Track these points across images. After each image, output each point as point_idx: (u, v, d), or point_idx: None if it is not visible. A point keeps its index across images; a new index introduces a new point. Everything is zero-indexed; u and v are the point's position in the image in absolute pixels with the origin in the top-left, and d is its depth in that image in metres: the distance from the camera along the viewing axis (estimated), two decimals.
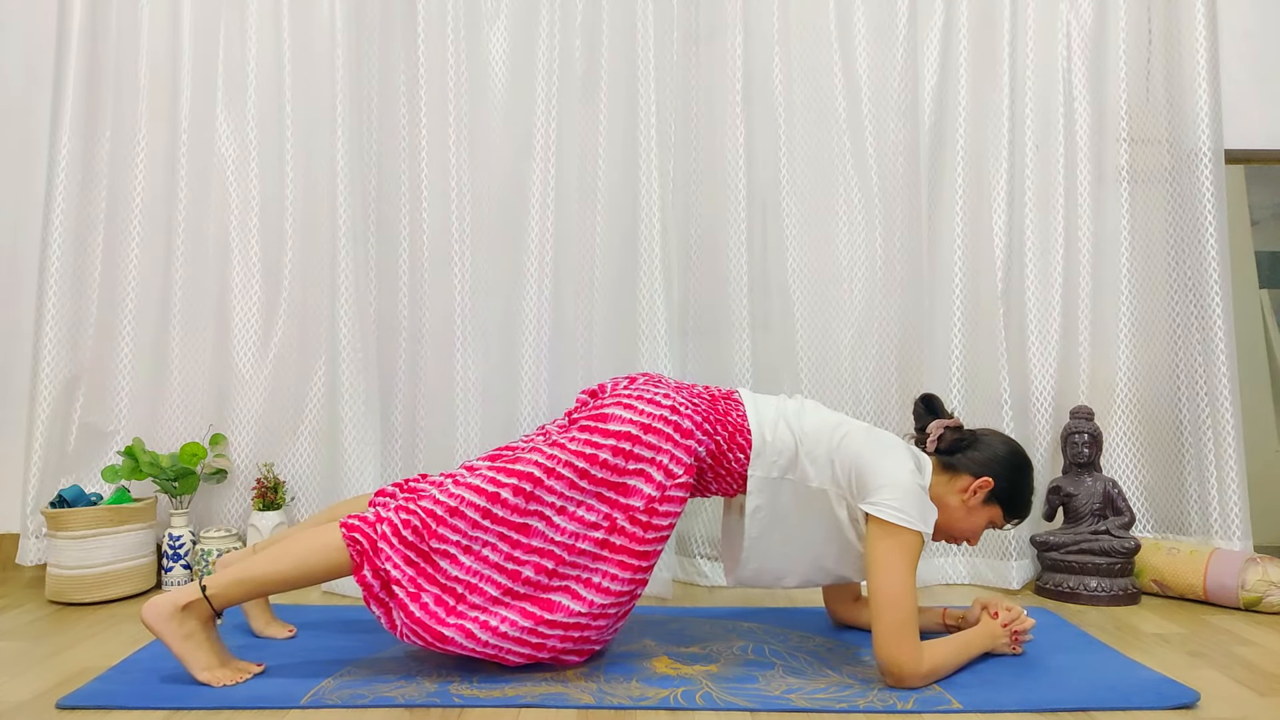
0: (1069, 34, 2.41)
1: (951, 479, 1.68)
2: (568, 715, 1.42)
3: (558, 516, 1.55)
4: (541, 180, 2.34)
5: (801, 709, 1.44)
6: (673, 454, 1.58)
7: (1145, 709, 1.45)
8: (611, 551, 1.56)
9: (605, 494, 1.57)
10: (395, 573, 1.51)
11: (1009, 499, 1.69)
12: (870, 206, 2.39)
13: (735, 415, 1.67)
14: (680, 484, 1.58)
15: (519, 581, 1.54)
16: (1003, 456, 1.69)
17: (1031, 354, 2.40)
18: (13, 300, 2.39)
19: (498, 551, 1.54)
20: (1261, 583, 2.04)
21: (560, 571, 1.55)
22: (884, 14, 2.40)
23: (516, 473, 1.56)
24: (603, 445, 1.57)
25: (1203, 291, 2.31)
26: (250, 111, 2.38)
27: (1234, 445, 2.26)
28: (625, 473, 1.57)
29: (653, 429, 1.58)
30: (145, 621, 1.48)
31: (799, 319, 2.37)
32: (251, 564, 1.52)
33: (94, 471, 2.31)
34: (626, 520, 1.56)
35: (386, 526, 1.52)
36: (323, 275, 2.33)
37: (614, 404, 1.62)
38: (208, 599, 1.49)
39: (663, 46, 2.34)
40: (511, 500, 1.54)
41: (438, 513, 1.53)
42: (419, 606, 1.51)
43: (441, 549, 1.53)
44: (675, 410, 1.61)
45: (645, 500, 1.56)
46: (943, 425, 1.72)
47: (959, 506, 1.67)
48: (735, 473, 1.66)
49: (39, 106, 2.38)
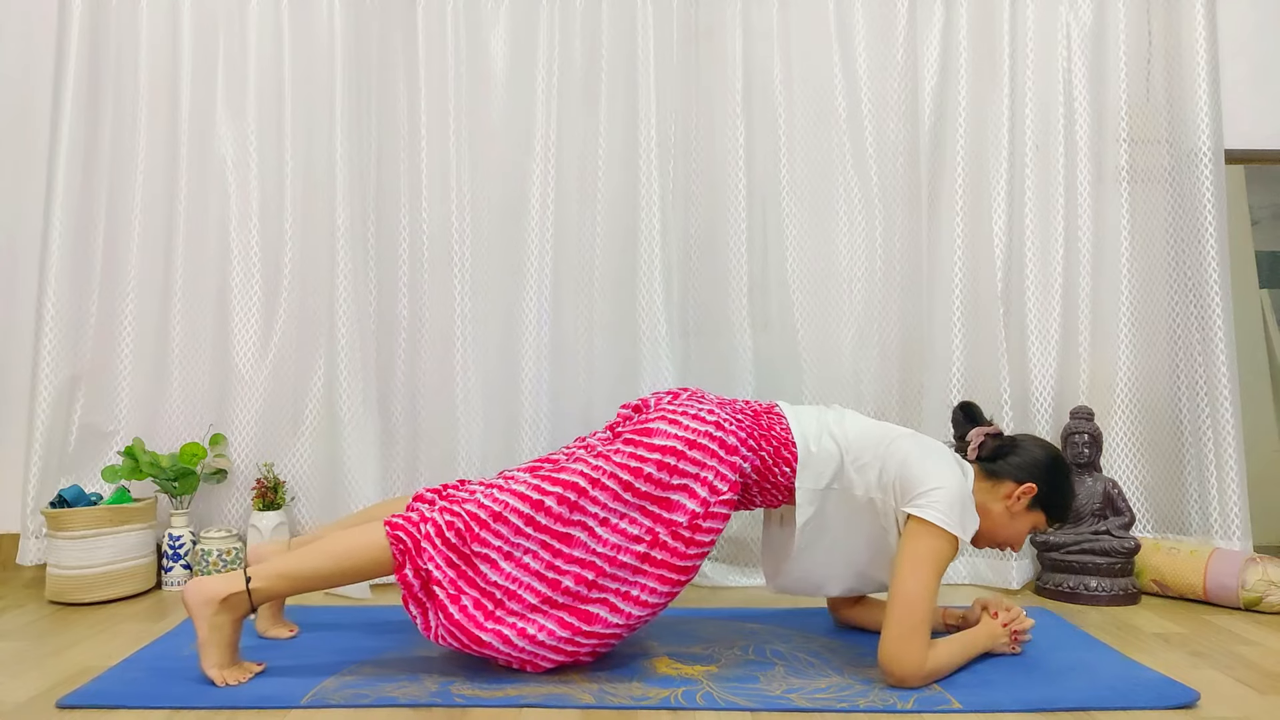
0: (1069, 34, 2.41)
1: (994, 486, 1.68)
2: (569, 715, 1.42)
3: (600, 528, 1.55)
4: (541, 180, 2.34)
5: (802, 709, 1.44)
6: (717, 470, 1.58)
7: (1145, 709, 1.45)
8: (652, 565, 1.56)
9: (648, 508, 1.56)
10: (437, 573, 1.52)
11: (1052, 503, 1.69)
12: (870, 206, 2.39)
13: (779, 429, 1.67)
14: (725, 500, 1.58)
15: (559, 591, 1.54)
16: (1044, 461, 1.69)
17: (1031, 354, 2.40)
18: (13, 300, 2.39)
19: (539, 559, 1.55)
20: (1261, 582, 2.04)
21: (600, 583, 1.55)
22: (884, 14, 2.40)
23: (561, 482, 1.56)
24: (647, 459, 1.57)
25: (1203, 291, 2.31)
26: (250, 112, 2.37)
27: (1234, 445, 2.26)
28: (669, 487, 1.56)
29: (697, 445, 1.58)
30: (185, 600, 1.50)
31: (799, 319, 2.37)
32: (294, 559, 1.53)
33: (94, 471, 2.31)
34: (669, 535, 1.56)
35: (430, 527, 1.53)
36: (322, 275, 2.33)
37: (659, 419, 1.62)
38: (249, 592, 1.50)
39: (662, 46, 2.34)
40: (555, 509, 1.55)
41: (481, 516, 1.54)
42: (458, 609, 1.51)
43: (483, 553, 1.53)
44: (720, 426, 1.61)
45: (689, 516, 1.56)
46: (983, 432, 1.72)
47: (1003, 513, 1.67)
48: (782, 486, 1.66)
49: (39, 107, 2.38)
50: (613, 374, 2.33)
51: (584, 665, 1.63)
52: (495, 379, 2.33)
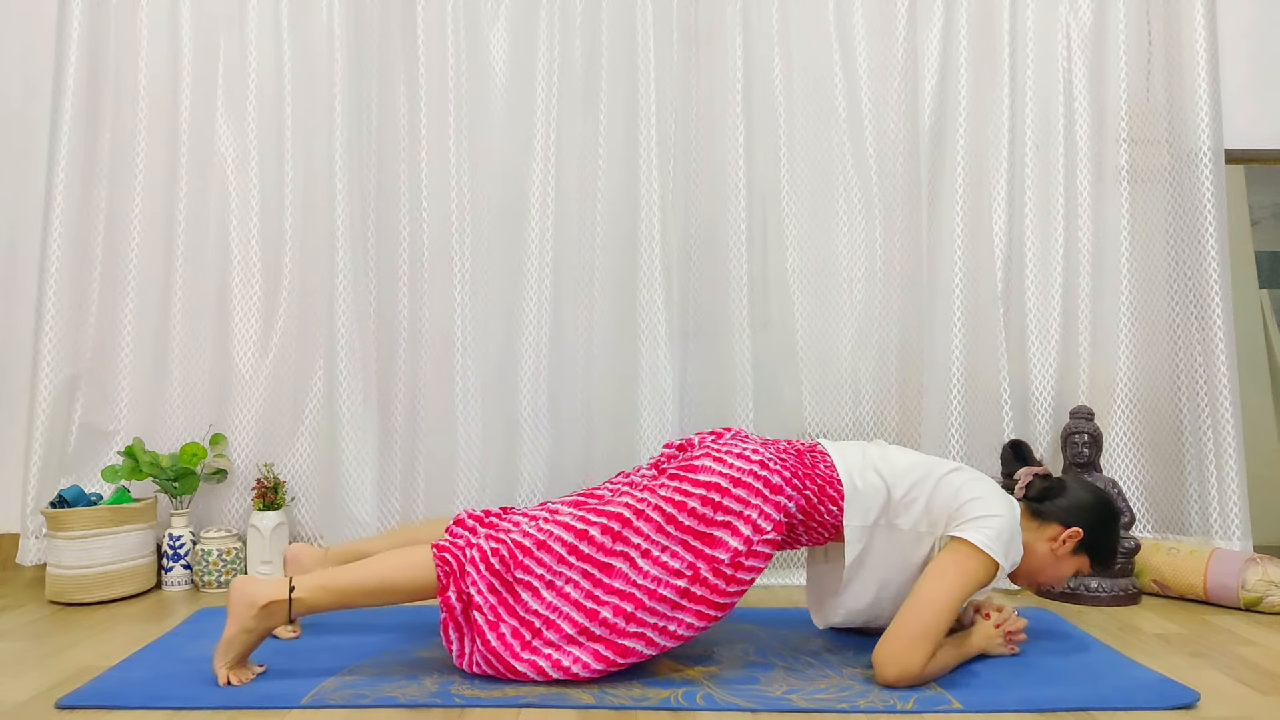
0: (1069, 34, 2.41)
1: (1040, 527, 1.68)
2: (568, 715, 1.42)
3: (642, 560, 1.55)
4: (541, 180, 2.34)
5: (802, 709, 1.44)
6: (761, 509, 1.56)
7: (1145, 709, 1.45)
8: (691, 601, 1.55)
9: (691, 542, 1.55)
10: (478, 598, 1.53)
11: (1098, 549, 1.69)
12: (870, 207, 2.39)
13: (823, 467, 1.66)
14: (768, 540, 1.56)
15: (596, 621, 1.53)
16: (1092, 506, 1.68)
17: (1031, 354, 2.40)
18: (13, 300, 2.39)
19: (579, 589, 1.55)
20: (1262, 582, 2.04)
21: (638, 616, 1.54)
22: (884, 14, 2.40)
23: (605, 513, 1.58)
24: (691, 494, 1.56)
25: (1203, 291, 2.31)
26: (250, 113, 2.37)
27: (1234, 445, 2.26)
28: (712, 523, 1.55)
29: (742, 483, 1.57)
30: (231, 595, 1.50)
31: (799, 318, 2.37)
32: (339, 574, 1.54)
33: (94, 471, 2.31)
34: (710, 571, 1.54)
35: (475, 552, 1.55)
36: (322, 276, 2.33)
37: (703, 456, 1.62)
38: (291, 601, 1.50)
39: (662, 47, 2.34)
40: (599, 539, 1.55)
41: (525, 544, 1.55)
42: (496, 635, 1.52)
43: (525, 580, 1.54)
44: (765, 465, 1.60)
45: (731, 554, 1.55)
46: (1031, 472, 1.72)
47: (1047, 554, 1.67)
48: (828, 524, 1.65)
49: (39, 107, 2.38)
50: (612, 374, 2.33)
51: None
52: (495, 379, 2.33)
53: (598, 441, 2.33)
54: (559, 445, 2.33)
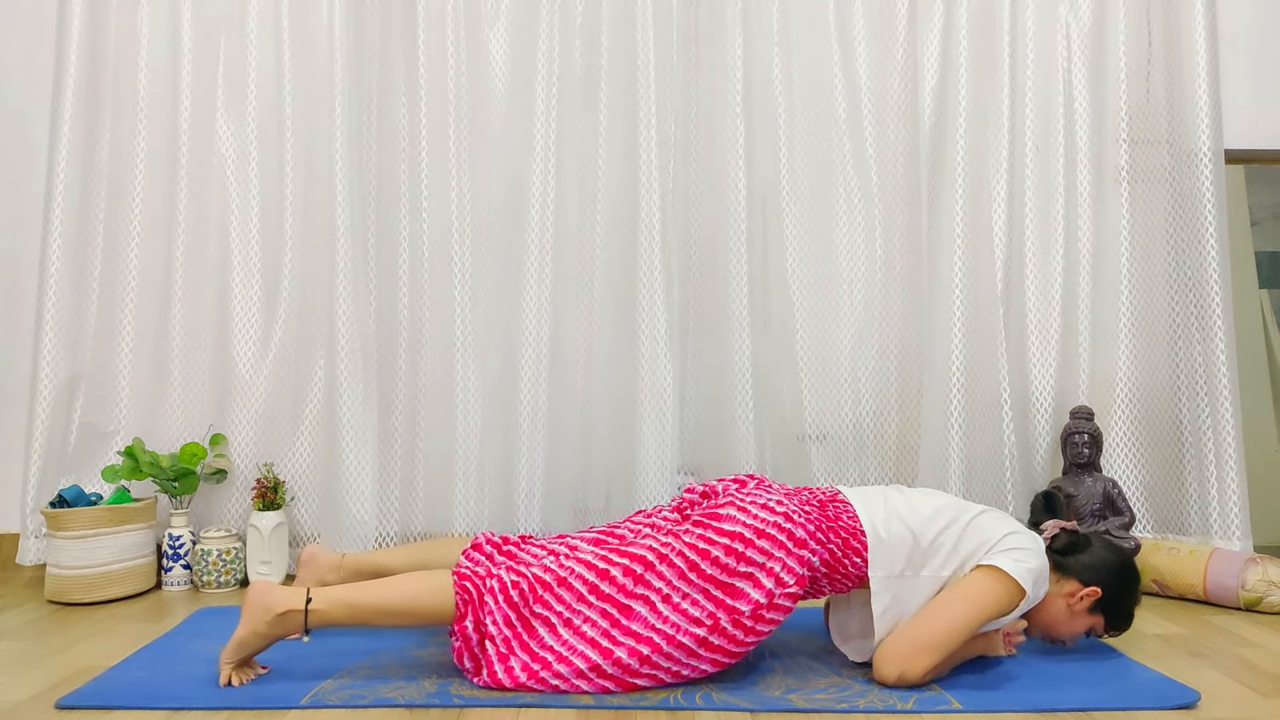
0: (1069, 34, 2.41)
1: (1060, 580, 1.66)
2: (567, 715, 1.42)
3: (662, 604, 1.54)
4: (541, 180, 2.34)
5: (801, 709, 1.44)
6: (785, 562, 1.55)
7: (1145, 709, 1.45)
8: (707, 650, 1.53)
9: (712, 591, 1.54)
10: (493, 629, 1.53)
11: (1115, 611, 1.67)
12: (870, 207, 2.39)
13: (846, 518, 1.64)
14: (790, 593, 1.55)
15: (610, 660, 1.51)
16: (1115, 567, 1.67)
17: (1031, 354, 2.40)
18: (13, 300, 2.39)
19: (596, 628, 1.54)
20: (1261, 583, 2.04)
21: (653, 660, 1.52)
22: (884, 15, 2.40)
23: (629, 554, 1.57)
24: (716, 542, 1.55)
25: (1203, 291, 2.31)
26: (250, 112, 2.37)
27: (1234, 445, 2.26)
28: (735, 574, 1.54)
29: (766, 534, 1.55)
30: (248, 598, 1.50)
31: (799, 319, 2.37)
32: (358, 591, 1.54)
33: (94, 471, 2.31)
34: (729, 622, 1.53)
35: (495, 583, 1.54)
36: (322, 276, 2.33)
37: (728, 504, 1.60)
38: (307, 612, 1.49)
39: (662, 47, 2.34)
40: (620, 579, 1.55)
41: (546, 579, 1.55)
42: (504, 668, 1.51)
43: (543, 615, 1.54)
44: (789, 518, 1.58)
45: (752, 606, 1.53)
46: (1059, 525, 1.71)
47: (1063, 609, 1.66)
48: (853, 575, 1.63)
49: (39, 107, 2.38)
50: (612, 374, 2.33)
51: None
52: (494, 379, 2.33)
53: (597, 441, 2.33)
54: (558, 445, 2.33)
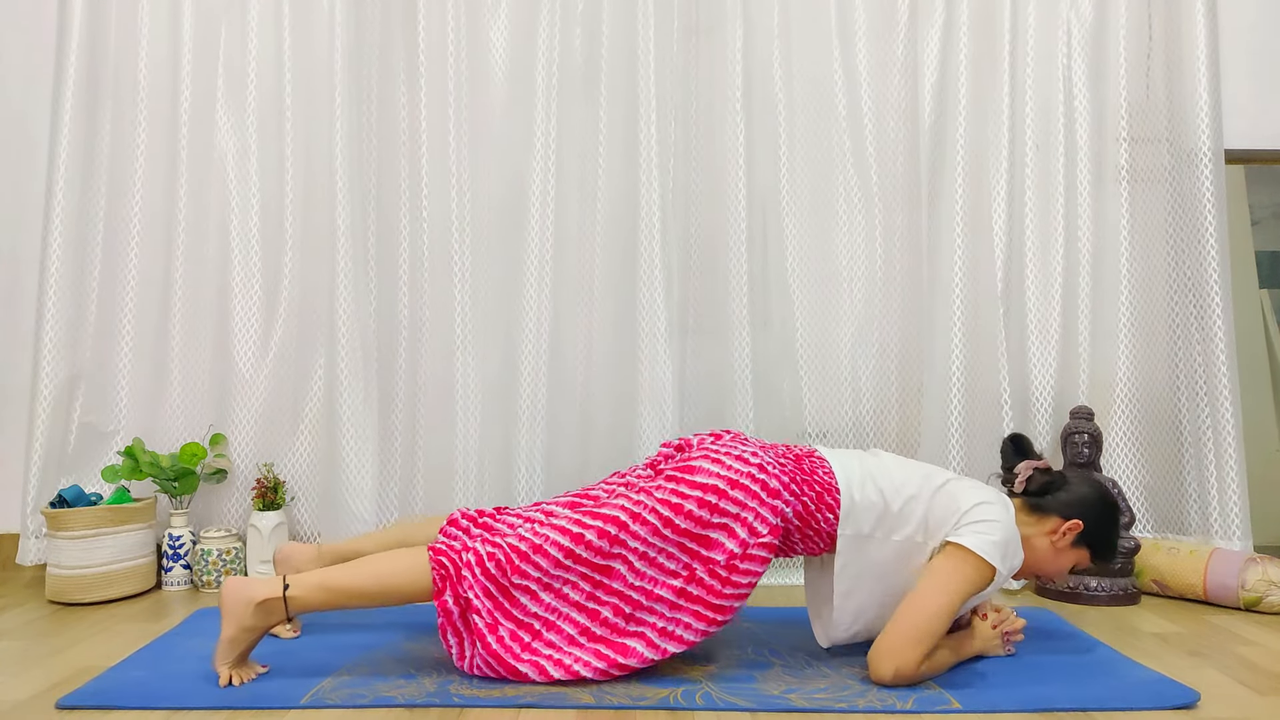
0: (1069, 32, 2.41)
1: (1039, 520, 1.68)
2: (567, 715, 1.42)
3: (639, 562, 1.56)
4: (541, 177, 2.34)
5: (801, 709, 1.44)
6: (758, 512, 1.57)
7: (1145, 709, 1.45)
8: (688, 601, 1.55)
9: (687, 544, 1.56)
10: (476, 601, 1.53)
11: (1098, 541, 1.69)
12: (870, 205, 2.39)
13: (821, 474, 1.65)
14: (764, 543, 1.56)
15: (597, 622, 1.55)
16: (1092, 499, 1.68)
17: (1031, 354, 2.39)
18: (13, 300, 2.39)
19: (579, 590, 1.56)
20: (1261, 582, 2.04)
21: (637, 616, 1.55)
22: (884, 10, 2.40)
23: (602, 516, 1.57)
24: (688, 496, 1.56)
25: (1203, 291, 2.31)
26: (250, 109, 2.37)
27: (1234, 445, 2.26)
28: (709, 525, 1.56)
29: (739, 485, 1.57)
30: (223, 596, 1.50)
31: (799, 317, 2.37)
32: (335, 574, 1.54)
33: (94, 471, 2.31)
34: (705, 572, 1.55)
35: (471, 556, 1.55)
36: (322, 274, 2.32)
37: (702, 458, 1.62)
38: (286, 599, 1.50)
39: (663, 41, 2.33)
40: (596, 542, 1.55)
41: (521, 548, 1.55)
42: (495, 639, 1.52)
43: (522, 584, 1.54)
44: (763, 469, 1.59)
45: (726, 555, 1.55)
46: (1032, 466, 1.72)
47: (1047, 548, 1.67)
48: (824, 532, 1.64)
49: (39, 106, 2.38)
50: (611, 371, 2.33)
51: None
52: (494, 376, 2.34)
53: (596, 439, 2.33)
54: (557, 443, 2.33)
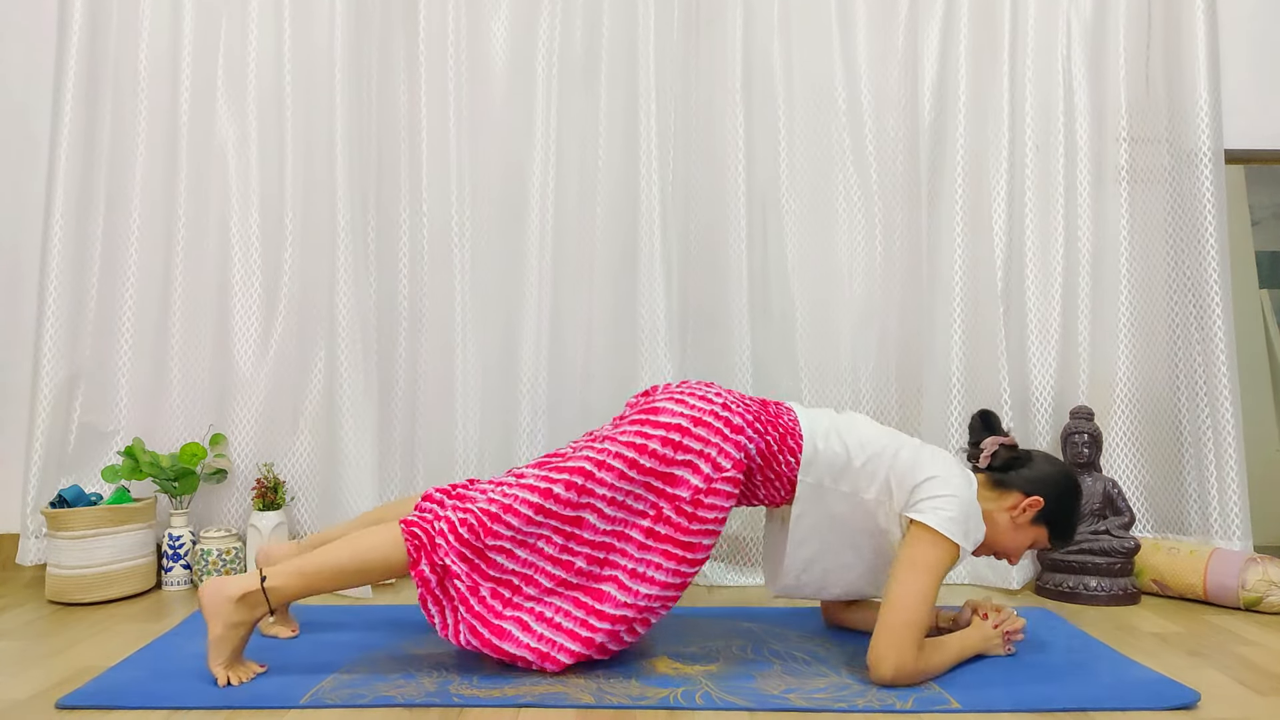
0: (1069, 28, 2.41)
1: (1001, 496, 1.68)
2: (567, 715, 1.42)
3: (608, 508, 1.58)
4: (541, 171, 2.35)
5: (800, 708, 1.44)
6: (721, 448, 1.59)
7: (1145, 709, 1.45)
8: (656, 540, 1.58)
9: (653, 483, 1.58)
10: (454, 567, 1.54)
11: (1057, 521, 1.68)
12: (869, 203, 2.39)
13: (787, 419, 1.68)
14: (728, 478, 1.59)
15: (572, 572, 1.57)
16: (1055, 478, 1.68)
17: (1031, 354, 2.39)
18: (13, 300, 2.39)
19: (552, 544, 1.58)
20: (1262, 582, 2.04)
21: (610, 560, 1.58)
22: (884, 6, 2.40)
23: (568, 469, 1.59)
24: (652, 435, 1.59)
25: (1203, 291, 2.31)
26: (250, 103, 2.37)
27: (1234, 445, 2.25)
28: (673, 463, 1.58)
29: (702, 422, 1.60)
30: (201, 598, 1.51)
31: (798, 313, 2.37)
32: (309, 558, 1.54)
33: (94, 471, 2.31)
34: (672, 510, 1.58)
35: (444, 524, 1.56)
36: (322, 270, 2.32)
37: (665, 399, 1.65)
38: (265, 590, 1.51)
39: (663, 33, 2.33)
40: (564, 495, 1.56)
41: (492, 510, 1.56)
42: (477, 600, 1.54)
43: (496, 545, 1.55)
44: (726, 407, 1.62)
45: (691, 491, 1.57)
46: (998, 442, 1.72)
47: (1007, 524, 1.67)
48: (784, 476, 1.66)
49: (39, 104, 2.37)
50: (611, 365, 2.33)
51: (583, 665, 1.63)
52: (494, 373, 2.34)
53: None
54: (558, 435, 2.32)
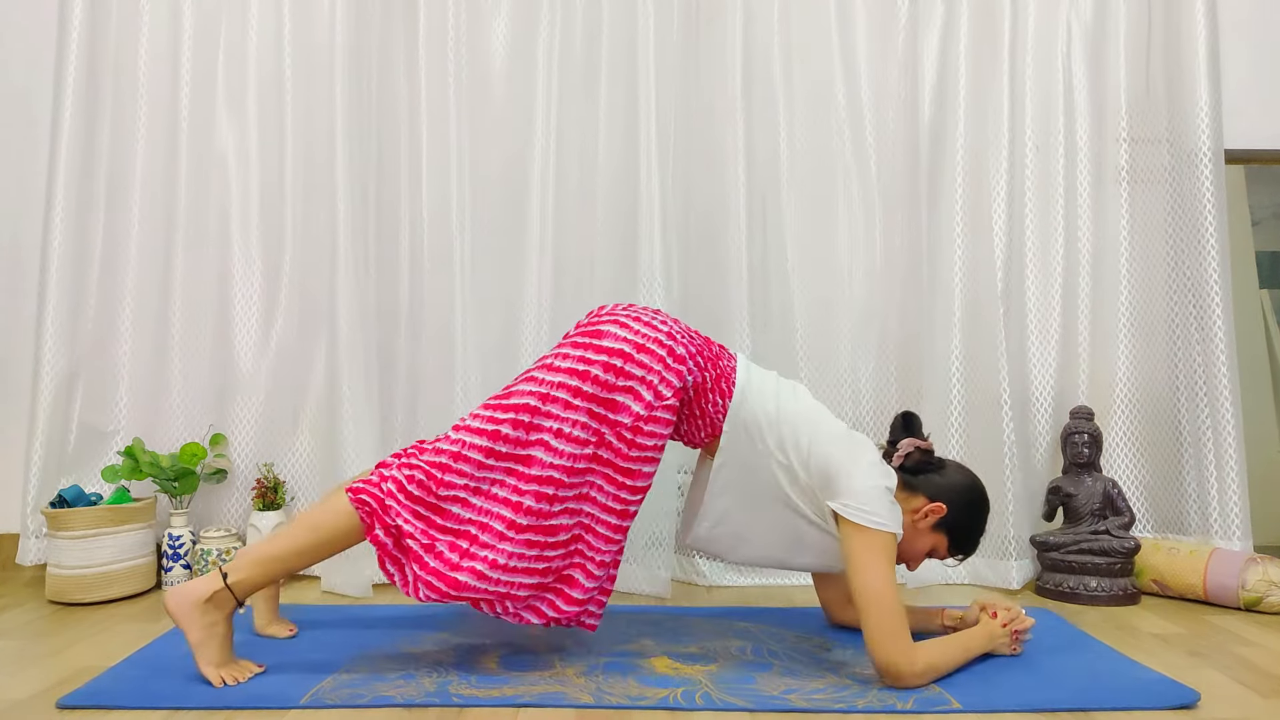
0: (1069, 28, 2.41)
1: (907, 497, 1.68)
2: (566, 715, 1.42)
3: (555, 440, 1.56)
4: (541, 170, 2.35)
5: (800, 709, 1.44)
6: (663, 375, 1.59)
7: (1145, 709, 1.45)
8: (599, 465, 1.58)
9: (596, 410, 1.57)
10: (407, 527, 1.52)
11: (957, 531, 1.68)
12: (869, 203, 2.39)
13: (725, 362, 1.69)
14: (668, 406, 1.59)
15: (521, 512, 1.54)
16: (962, 488, 1.68)
17: (1031, 354, 2.39)
18: (13, 300, 2.39)
19: (505, 486, 1.56)
20: (1262, 583, 2.04)
21: (560, 496, 1.56)
22: (884, 6, 2.40)
23: (513, 406, 1.57)
24: (595, 361, 1.58)
25: (1203, 291, 2.31)
26: (250, 100, 2.37)
27: (1234, 445, 2.25)
28: (615, 389, 1.57)
29: (646, 349, 1.59)
30: (168, 609, 1.50)
31: (798, 313, 2.37)
32: (265, 544, 1.54)
33: (94, 471, 2.31)
34: (614, 436, 1.58)
35: (391, 484, 1.54)
36: (323, 268, 2.32)
37: (610, 322, 1.63)
38: (229, 587, 1.50)
39: (663, 32, 2.33)
40: (512, 434, 1.55)
41: (441, 461, 1.54)
42: (434, 556, 1.52)
43: (450, 495, 1.54)
44: (671, 336, 1.63)
45: (633, 418, 1.57)
46: (914, 444, 1.72)
47: (908, 526, 1.67)
48: (709, 416, 1.67)
49: (40, 102, 2.38)
50: None
51: (580, 664, 1.63)
52: (494, 372, 2.34)
53: None
54: None
